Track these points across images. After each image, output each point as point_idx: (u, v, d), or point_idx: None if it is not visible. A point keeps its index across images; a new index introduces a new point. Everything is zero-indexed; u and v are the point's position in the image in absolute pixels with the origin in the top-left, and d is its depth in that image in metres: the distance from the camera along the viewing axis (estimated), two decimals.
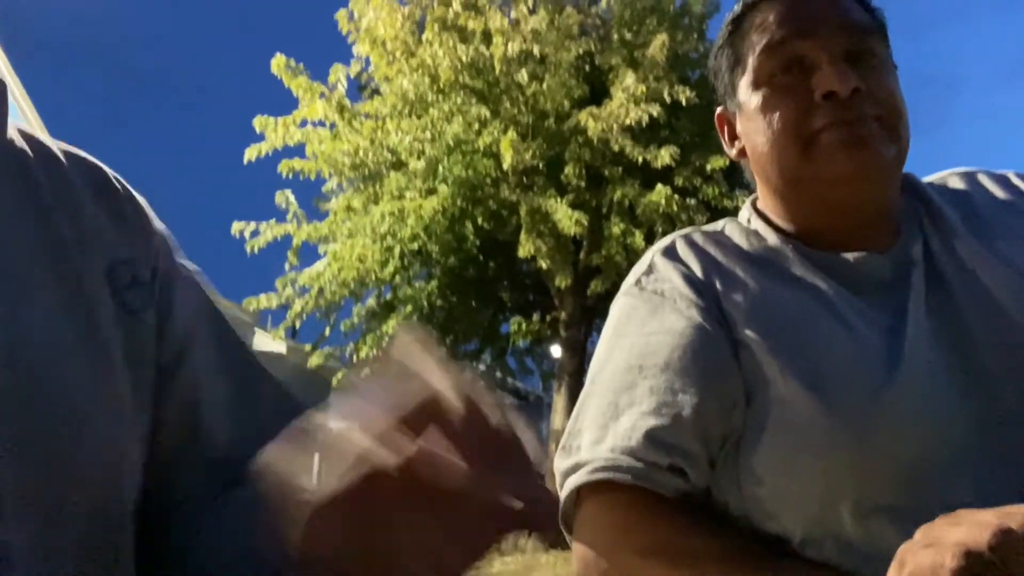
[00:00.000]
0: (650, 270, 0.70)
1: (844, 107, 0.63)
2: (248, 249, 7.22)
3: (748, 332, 0.62)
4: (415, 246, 6.94)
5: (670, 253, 0.70)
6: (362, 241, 6.99)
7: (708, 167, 6.86)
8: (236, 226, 7.29)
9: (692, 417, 0.60)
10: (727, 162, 6.84)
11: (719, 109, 0.77)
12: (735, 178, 7.09)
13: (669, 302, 0.66)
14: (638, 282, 0.69)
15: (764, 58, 0.68)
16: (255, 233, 7.28)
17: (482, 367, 7.50)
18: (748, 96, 0.69)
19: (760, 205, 0.74)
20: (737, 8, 0.73)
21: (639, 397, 0.62)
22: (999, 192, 0.72)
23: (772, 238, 0.69)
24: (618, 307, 0.71)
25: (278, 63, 7.58)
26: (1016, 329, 0.60)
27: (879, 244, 0.66)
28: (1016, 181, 0.74)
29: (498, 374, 7.74)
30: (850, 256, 0.65)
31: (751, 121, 0.69)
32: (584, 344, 7.30)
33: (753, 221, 0.72)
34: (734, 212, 0.78)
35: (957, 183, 0.74)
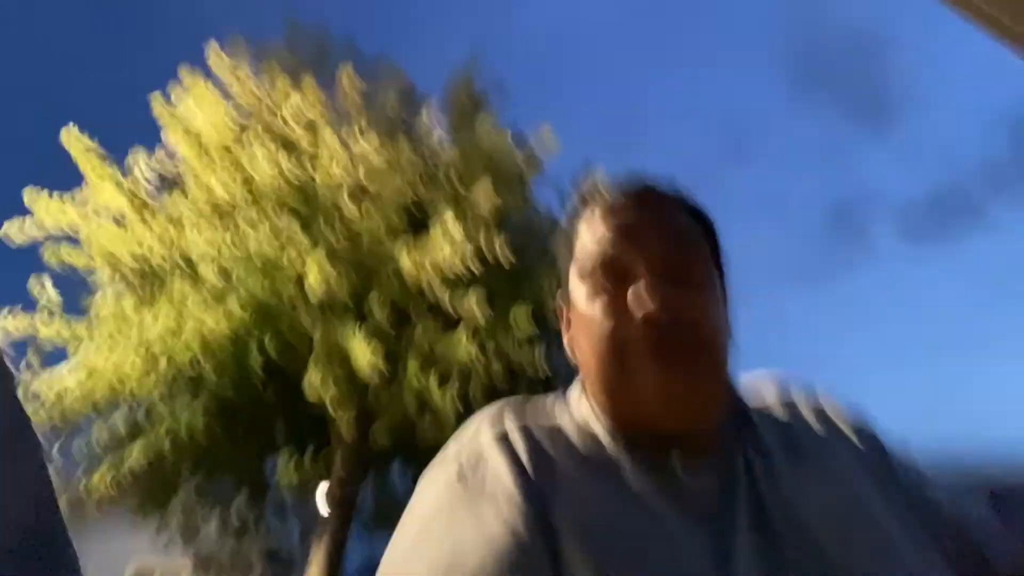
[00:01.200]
0: (477, 460, 0.63)
1: (656, 326, 0.62)
2: None
3: (573, 547, 0.58)
4: (186, 362, 6.20)
5: (502, 442, 0.64)
6: (124, 348, 6.14)
7: (513, 324, 6.88)
8: None
9: None
10: (531, 319, 6.94)
11: (559, 293, 0.76)
12: (537, 335, 7.17)
13: (491, 502, 0.60)
14: (460, 471, 0.63)
15: (587, 256, 0.69)
16: None
17: (235, 510, 6.65)
18: (574, 289, 0.70)
19: (589, 390, 0.71)
20: (577, 196, 0.75)
21: None
22: (813, 421, 0.72)
23: (603, 436, 0.67)
24: (432, 494, 0.63)
25: (71, 135, 6.84)
26: (828, 562, 0.59)
27: (703, 452, 0.65)
28: (830, 412, 0.74)
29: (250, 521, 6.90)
30: (678, 469, 0.63)
31: (575, 319, 0.70)
32: (354, 500, 6.75)
33: (584, 410, 0.70)
34: (534, 374, 0.89)
35: (773, 399, 0.74)
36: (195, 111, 7.25)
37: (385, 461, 7.71)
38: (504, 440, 0.65)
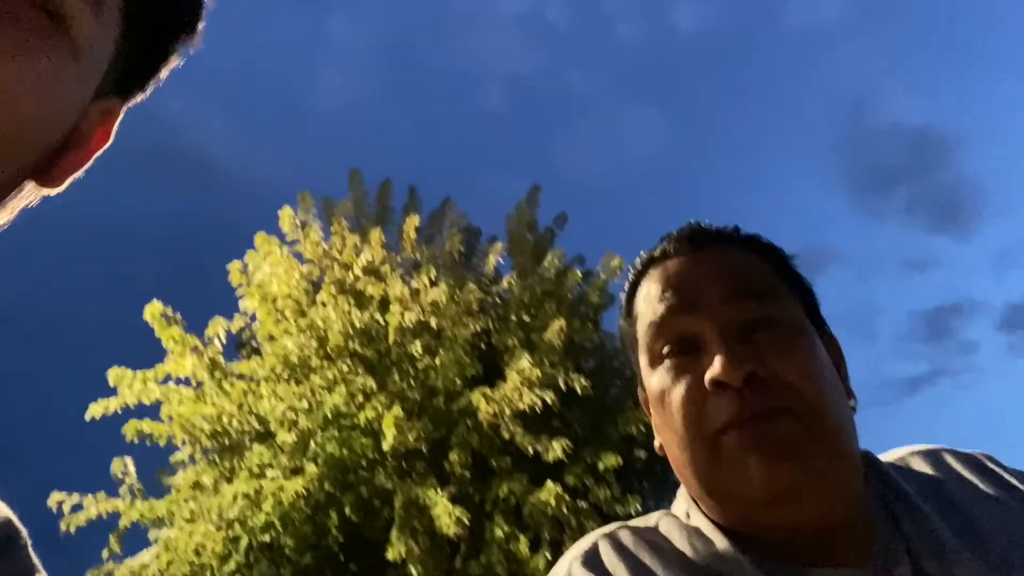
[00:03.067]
0: None
1: (740, 400, 0.52)
2: (63, 527, 6.01)
3: None
4: (267, 538, 5.97)
5: (592, 562, 0.56)
6: (204, 527, 5.98)
7: (600, 465, 6.45)
8: (55, 497, 6.13)
9: None
10: (620, 461, 6.49)
11: (640, 390, 0.66)
12: (628, 480, 6.70)
13: None
14: None
15: (651, 336, 0.60)
16: (77, 507, 6.13)
17: None
18: (647, 378, 0.61)
19: (689, 492, 0.59)
20: (630, 275, 0.66)
21: None
22: (981, 484, 0.59)
23: (720, 542, 0.55)
24: None
25: (153, 310, 7.04)
26: None
27: (850, 553, 0.52)
28: (991, 466, 0.61)
29: None
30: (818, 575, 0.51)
31: (655, 412, 0.60)
32: None
33: (693, 516, 0.58)
34: (626, 518, 0.65)
35: (924, 468, 0.61)
36: (269, 275, 7.43)
37: None
38: (591, 556, 0.57)
